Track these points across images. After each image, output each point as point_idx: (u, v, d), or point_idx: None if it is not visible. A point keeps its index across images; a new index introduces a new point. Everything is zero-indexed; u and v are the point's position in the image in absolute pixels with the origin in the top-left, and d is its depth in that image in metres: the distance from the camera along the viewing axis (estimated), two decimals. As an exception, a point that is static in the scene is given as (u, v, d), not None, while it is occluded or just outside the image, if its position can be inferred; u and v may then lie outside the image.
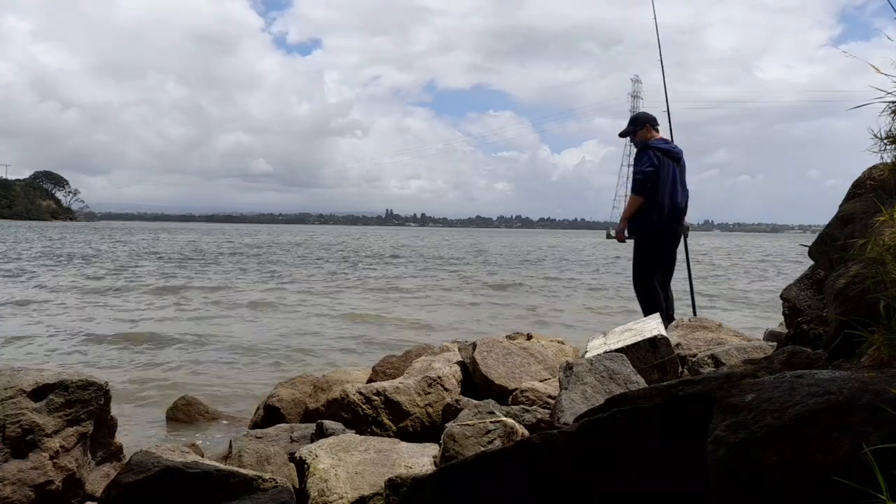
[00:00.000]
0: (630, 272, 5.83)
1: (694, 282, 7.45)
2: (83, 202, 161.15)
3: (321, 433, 3.55)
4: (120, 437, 3.39)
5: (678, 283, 6.17)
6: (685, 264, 7.54)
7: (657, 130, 5.89)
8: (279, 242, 50.45)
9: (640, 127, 5.87)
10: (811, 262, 3.43)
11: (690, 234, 6.42)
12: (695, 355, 4.63)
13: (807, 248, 3.17)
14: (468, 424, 2.97)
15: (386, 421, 3.70)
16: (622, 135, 5.97)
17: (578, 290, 16.73)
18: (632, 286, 5.85)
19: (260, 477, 2.67)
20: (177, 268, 22.20)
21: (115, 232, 73.23)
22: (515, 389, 3.86)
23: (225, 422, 5.02)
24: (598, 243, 61.89)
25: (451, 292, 15.76)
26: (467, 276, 21.04)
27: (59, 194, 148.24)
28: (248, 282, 17.62)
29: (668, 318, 5.37)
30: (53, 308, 11.54)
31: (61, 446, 2.88)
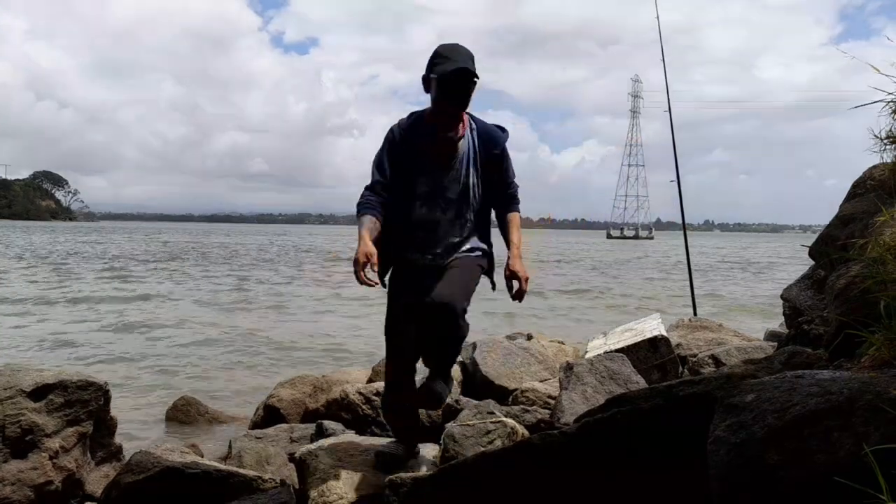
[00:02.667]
0: None
1: (694, 282, 7.47)
2: (83, 202, 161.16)
3: (321, 433, 3.55)
4: (120, 437, 3.38)
5: (679, 284, 6.13)
6: (686, 265, 7.56)
7: None
8: (281, 244, 50.49)
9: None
10: (811, 262, 3.43)
11: (691, 234, 6.22)
12: (695, 355, 4.64)
13: (807, 249, 3.17)
14: (468, 425, 2.97)
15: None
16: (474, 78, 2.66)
17: (578, 290, 16.73)
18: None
19: (260, 477, 2.67)
20: (174, 268, 22.20)
21: (113, 233, 73.33)
22: (516, 390, 3.86)
23: (225, 422, 5.02)
24: (599, 243, 61.90)
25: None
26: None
27: (59, 194, 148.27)
28: (248, 282, 17.62)
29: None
30: (52, 308, 11.54)
31: (61, 446, 2.87)
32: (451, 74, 2.59)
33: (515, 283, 2.70)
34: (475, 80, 2.63)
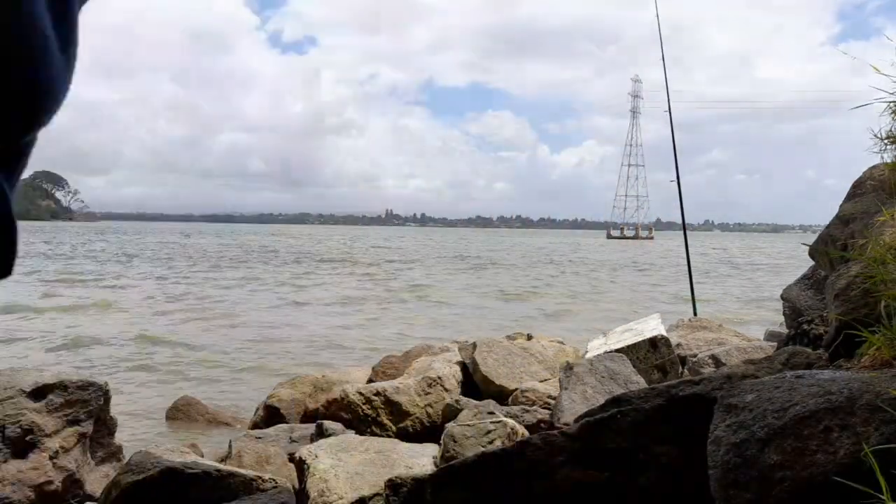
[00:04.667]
0: None
1: (694, 282, 7.46)
2: (83, 202, 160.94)
3: (321, 433, 3.55)
4: (120, 437, 3.39)
5: (679, 283, 6.09)
6: (686, 265, 7.55)
7: None
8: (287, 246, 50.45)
9: None
10: (810, 262, 3.42)
11: (691, 234, 6.11)
12: (695, 355, 4.63)
13: (807, 249, 3.17)
14: (468, 425, 2.97)
15: (386, 421, 3.69)
16: None
17: (578, 290, 16.73)
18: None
19: (260, 477, 2.67)
20: (173, 270, 22.19)
21: (114, 233, 73.37)
22: (516, 390, 3.86)
23: (225, 422, 5.01)
24: (599, 243, 61.90)
25: (455, 293, 15.76)
26: (471, 276, 21.05)
27: (59, 194, 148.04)
28: (248, 282, 17.61)
29: None
30: (52, 309, 11.53)
31: (61, 446, 2.87)
32: None
33: None
34: None
